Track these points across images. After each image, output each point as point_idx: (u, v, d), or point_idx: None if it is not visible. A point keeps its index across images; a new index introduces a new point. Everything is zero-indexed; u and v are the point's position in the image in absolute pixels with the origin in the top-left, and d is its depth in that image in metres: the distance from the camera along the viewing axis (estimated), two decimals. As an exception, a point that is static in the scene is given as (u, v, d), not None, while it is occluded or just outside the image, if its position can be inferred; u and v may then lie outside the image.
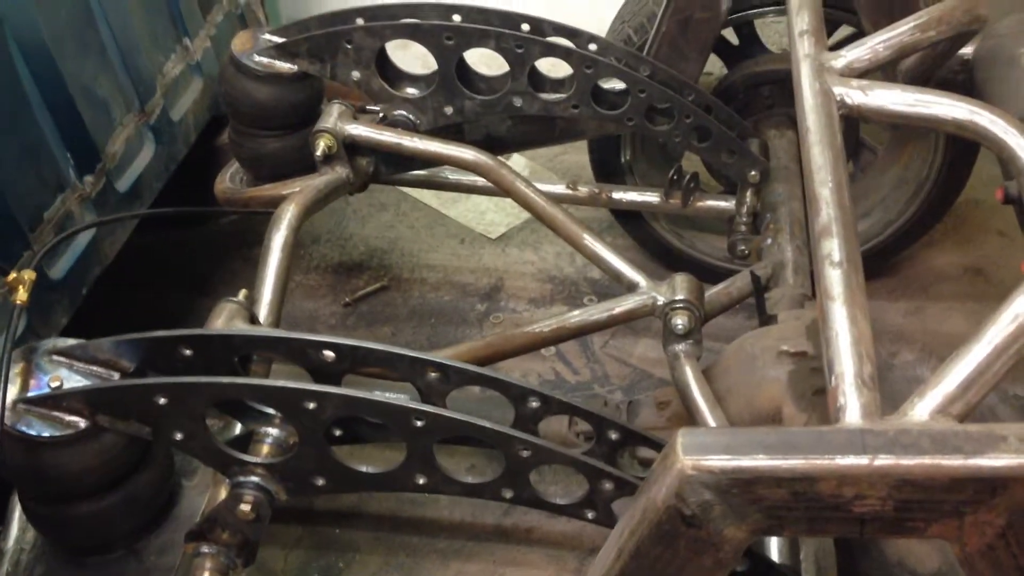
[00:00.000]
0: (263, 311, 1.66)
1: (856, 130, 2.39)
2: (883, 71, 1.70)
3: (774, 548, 1.45)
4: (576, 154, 2.85)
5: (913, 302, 2.48)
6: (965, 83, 1.75)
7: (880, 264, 2.47)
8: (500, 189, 2.03)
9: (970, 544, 1.07)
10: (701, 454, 1.09)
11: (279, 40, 2.04)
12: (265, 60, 2.03)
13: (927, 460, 1.03)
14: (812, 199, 1.32)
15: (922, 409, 1.09)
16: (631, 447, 1.57)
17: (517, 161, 2.95)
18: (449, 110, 2.07)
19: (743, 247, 2.19)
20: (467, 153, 1.99)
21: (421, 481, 1.43)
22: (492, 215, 2.83)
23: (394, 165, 2.10)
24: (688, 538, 1.14)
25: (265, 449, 1.51)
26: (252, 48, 2.04)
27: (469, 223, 2.81)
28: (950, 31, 1.60)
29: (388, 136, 2.00)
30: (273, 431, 1.52)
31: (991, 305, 1.14)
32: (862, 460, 1.05)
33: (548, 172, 2.94)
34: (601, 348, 2.44)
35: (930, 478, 1.03)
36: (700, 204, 2.29)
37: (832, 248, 1.24)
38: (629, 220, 2.50)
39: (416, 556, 2.04)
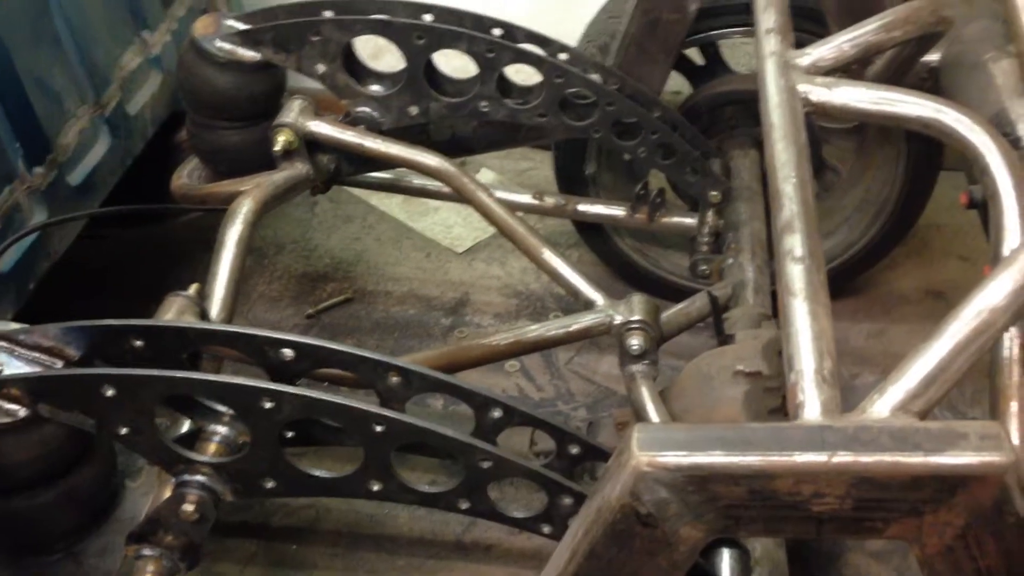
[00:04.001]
0: (215, 307, 1.61)
1: (819, 150, 2.39)
2: (851, 76, 1.70)
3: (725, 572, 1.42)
4: (544, 168, 2.83)
5: (876, 324, 2.48)
6: (933, 89, 1.75)
7: (843, 285, 2.47)
8: (461, 197, 2.01)
9: (929, 545, 1.05)
10: (657, 450, 1.06)
11: (243, 27, 2.00)
12: (227, 47, 1.98)
13: (887, 457, 1.01)
14: (775, 195, 1.30)
15: (882, 406, 1.07)
16: (591, 467, 1.54)
17: (485, 174, 2.93)
18: (414, 110, 2.04)
19: (704, 267, 2.19)
20: (429, 159, 1.97)
21: (376, 488, 1.39)
22: (459, 229, 2.80)
23: (356, 165, 2.07)
24: (643, 538, 1.11)
25: (213, 448, 1.46)
26: (214, 33, 1.98)
27: (436, 236, 2.78)
28: (916, 31, 1.60)
29: (350, 135, 1.97)
30: (223, 429, 1.47)
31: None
32: (820, 457, 1.02)
33: (516, 186, 2.92)
34: (566, 364, 2.41)
35: (889, 476, 1.01)
36: (665, 220, 2.29)
37: (794, 244, 1.22)
38: (592, 235, 2.48)
39: (375, 573, 1.99)
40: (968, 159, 1.37)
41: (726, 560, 1.42)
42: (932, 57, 1.81)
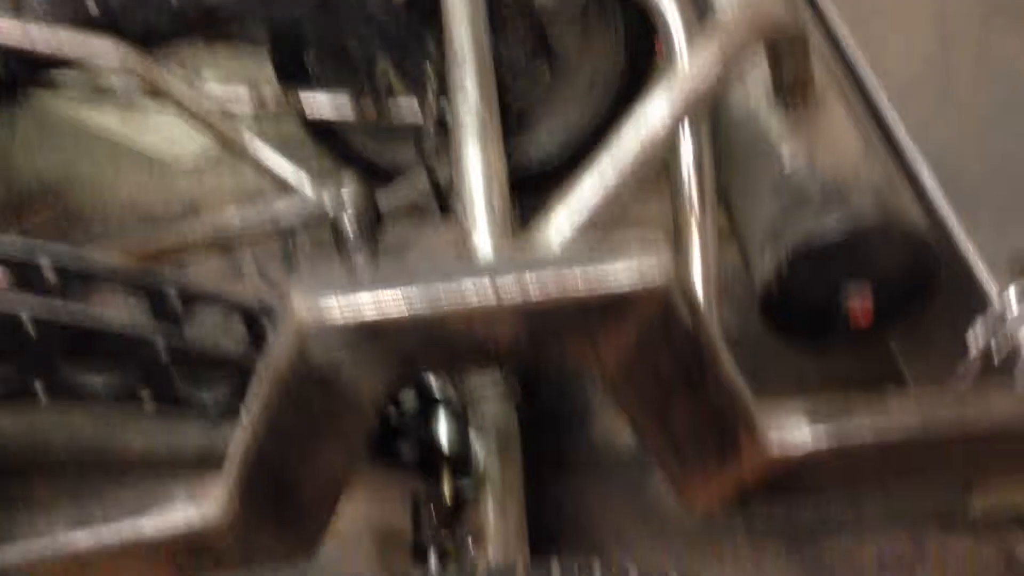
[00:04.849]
0: None
1: (545, 36, 2.37)
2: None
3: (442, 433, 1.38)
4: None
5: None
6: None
7: (583, 163, 2.49)
8: (153, 91, 1.84)
9: (608, 366, 1.03)
10: (319, 303, 0.99)
11: None
12: None
13: (551, 284, 0.98)
14: (448, 39, 1.25)
15: (551, 232, 1.04)
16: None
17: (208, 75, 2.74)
18: (91, 4, 1.85)
19: (430, 147, 2.13)
20: (111, 50, 1.78)
21: (42, 391, 1.25)
22: (185, 142, 2.61)
23: (34, 66, 1.86)
24: (321, 400, 1.04)
25: None
26: None
27: (159, 152, 2.60)
28: None
29: (11, 30, 1.75)
30: None
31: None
32: (488, 291, 0.98)
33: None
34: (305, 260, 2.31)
35: (555, 301, 0.98)
36: (394, 110, 2.21)
37: (464, 80, 1.17)
38: (324, 135, 2.37)
39: (108, 503, 1.86)
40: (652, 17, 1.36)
41: (442, 423, 1.40)
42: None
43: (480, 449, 1.42)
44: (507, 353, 1.02)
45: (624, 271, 0.97)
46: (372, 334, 0.98)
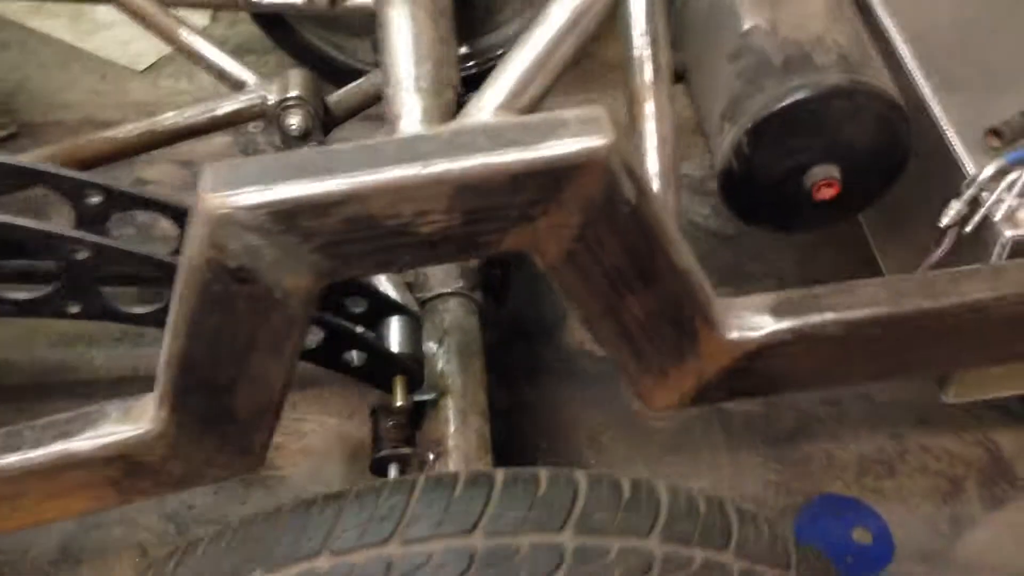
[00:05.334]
0: None
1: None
2: None
3: (394, 340, 1.31)
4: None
5: (588, 94, 2.41)
6: None
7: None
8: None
9: (550, 253, 0.96)
10: (231, 189, 0.90)
11: None
12: None
13: (483, 159, 0.89)
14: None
15: (484, 109, 0.96)
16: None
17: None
18: None
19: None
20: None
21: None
22: (138, 44, 2.49)
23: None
24: (244, 297, 0.96)
25: None
26: None
27: (111, 55, 2.48)
28: None
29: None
30: None
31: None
32: (413, 169, 0.90)
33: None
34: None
35: (488, 178, 0.90)
36: (350, 3, 2.09)
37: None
38: (277, 31, 2.24)
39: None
40: None
41: (394, 329, 1.33)
42: None
43: (440, 358, 1.35)
44: (440, 241, 0.94)
45: (560, 142, 0.89)
46: (286, 217, 0.90)
